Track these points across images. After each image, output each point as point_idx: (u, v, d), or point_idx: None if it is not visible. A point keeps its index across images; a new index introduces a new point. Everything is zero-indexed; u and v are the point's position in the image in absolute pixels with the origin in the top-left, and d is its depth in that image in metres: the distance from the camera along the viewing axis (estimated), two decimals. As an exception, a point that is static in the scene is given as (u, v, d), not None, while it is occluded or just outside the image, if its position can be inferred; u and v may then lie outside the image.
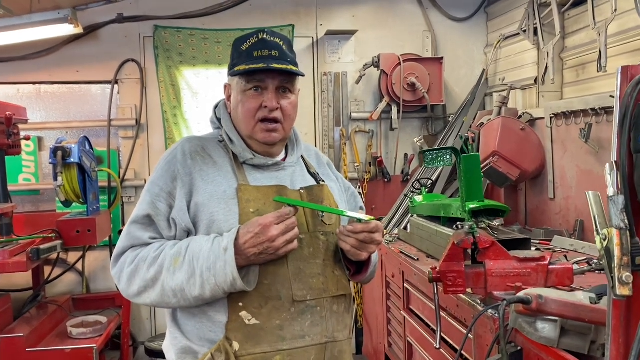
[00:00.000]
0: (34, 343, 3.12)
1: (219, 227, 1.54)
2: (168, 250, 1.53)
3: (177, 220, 1.57)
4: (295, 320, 1.56)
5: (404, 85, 3.98)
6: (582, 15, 3.07)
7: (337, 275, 1.66)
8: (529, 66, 3.54)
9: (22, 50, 3.87)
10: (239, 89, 1.63)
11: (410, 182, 3.93)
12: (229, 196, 1.57)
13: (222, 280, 1.46)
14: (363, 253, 1.61)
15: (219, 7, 4.04)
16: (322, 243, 1.64)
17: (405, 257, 2.75)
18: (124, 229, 1.62)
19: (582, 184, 2.93)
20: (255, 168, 1.66)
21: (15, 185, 3.93)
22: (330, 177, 1.84)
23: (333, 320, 1.63)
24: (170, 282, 1.50)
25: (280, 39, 1.64)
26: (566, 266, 1.77)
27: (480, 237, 1.74)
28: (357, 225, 1.57)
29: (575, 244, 2.68)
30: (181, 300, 1.51)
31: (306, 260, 1.60)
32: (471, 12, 4.25)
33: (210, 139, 1.71)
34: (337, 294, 1.65)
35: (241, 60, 1.61)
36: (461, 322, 2.11)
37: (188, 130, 4.05)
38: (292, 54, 1.65)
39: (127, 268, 1.56)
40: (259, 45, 1.60)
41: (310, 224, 1.64)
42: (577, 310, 1.38)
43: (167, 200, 1.58)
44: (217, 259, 1.47)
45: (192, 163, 1.61)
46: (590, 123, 2.75)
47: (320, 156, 1.90)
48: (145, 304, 1.61)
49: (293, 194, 1.65)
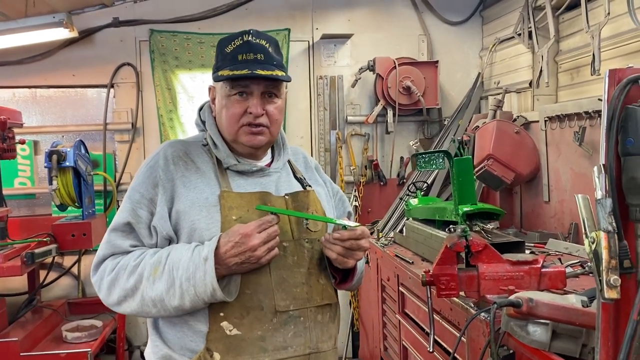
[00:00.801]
0: (29, 347, 3.12)
1: (200, 235, 1.51)
2: (148, 259, 1.50)
3: (158, 228, 1.53)
4: (278, 330, 1.52)
5: (399, 89, 3.98)
6: (576, 18, 3.08)
7: (322, 284, 1.62)
8: (524, 69, 3.55)
9: (17, 54, 3.86)
10: (223, 94, 1.59)
11: (406, 185, 3.93)
12: (211, 203, 1.53)
13: (201, 291, 1.43)
14: (350, 260, 1.57)
15: (215, 12, 4.05)
16: (306, 251, 1.60)
17: (400, 261, 2.75)
18: (104, 237, 1.58)
19: (577, 187, 2.93)
20: (239, 174, 1.62)
21: (11, 189, 3.92)
22: (318, 181, 1.80)
23: (317, 331, 1.59)
24: (149, 292, 1.47)
25: (266, 41, 1.59)
26: (559, 269, 1.77)
27: (473, 240, 1.74)
28: (344, 233, 1.53)
29: (570, 247, 2.69)
30: (161, 310, 1.48)
31: (290, 268, 1.56)
32: (466, 15, 4.26)
33: (194, 142, 1.67)
34: (321, 304, 1.61)
35: (225, 63, 1.56)
36: (454, 325, 2.11)
37: (184, 134, 4.05)
38: (279, 56, 1.61)
39: (107, 277, 1.52)
40: (243, 48, 1.55)
41: (294, 231, 1.60)
42: (567, 314, 1.38)
43: (148, 207, 1.54)
44: (196, 269, 1.43)
45: (174, 168, 1.57)
46: (584, 126, 2.76)
47: (308, 160, 1.86)
48: (126, 313, 1.58)
49: (277, 200, 1.61)
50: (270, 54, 1.57)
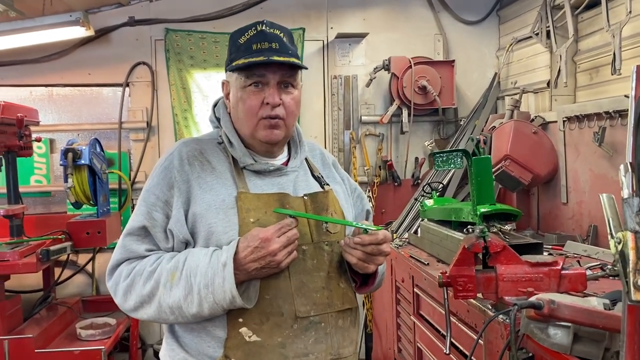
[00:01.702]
0: (43, 344, 3.13)
1: (217, 238, 1.46)
2: (165, 264, 1.45)
3: (175, 232, 1.49)
4: (298, 337, 1.47)
5: (414, 89, 3.95)
6: (596, 17, 3.03)
7: (342, 288, 1.58)
8: (542, 69, 3.51)
9: (34, 53, 3.89)
10: (238, 86, 1.53)
11: (421, 185, 3.90)
12: (227, 205, 1.48)
13: (220, 298, 1.39)
14: (370, 266, 1.52)
15: (230, 11, 4.05)
16: (326, 254, 1.56)
17: (415, 262, 2.72)
18: (119, 241, 1.54)
19: (596, 188, 2.88)
20: (255, 174, 1.57)
21: (27, 186, 3.95)
22: (336, 179, 1.76)
23: (338, 336, 1.54)
24: (167, 298, 1.43)
25: (280, 31, 1.54)
26: (579, 271, 1.74)
27: (491, 241, 1.71)
28: (365, 237, 1.48)
29: (589, 249, 2.64)
30: (179, 317, 1.44)
31: (309, 273, 1.51)
32: (483, 15, 4.22)
33: (209, 140, 1.62)
34: (342, 308, 1.56)
35: (239, 54, 1.51)
36: (471, 328, 2.08)
37: (199, 133, 4.05)
38: (294, 47, 1.56)
39: (123, 282, 1.49)
40: (257, 37, 1.51)
41: (313, 233, 1.55)
42: (590, 316, 1.35)
43: (164, 209, 1.50)
44: (215, 275, 1.39)
45: (189, 169, 1.52)
46: (604, 126, 2.71)
47: (326, 156, 1.81)
48: (143, 319, 1.53)
49: (296, 201, 1.56)
50: (285, 44, 1.53)
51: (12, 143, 3.24)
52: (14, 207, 3.25)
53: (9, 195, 3.36)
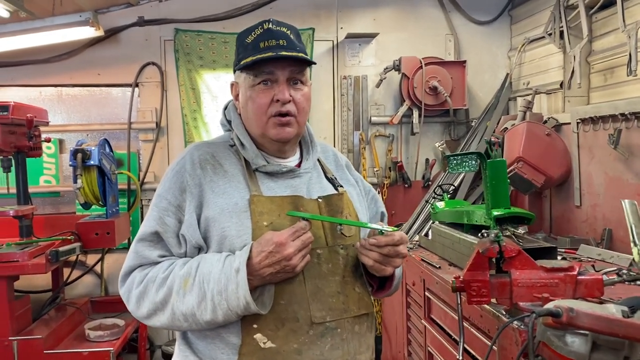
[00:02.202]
0: (52, 345, 3.13)
1: (231, 243, 1.44)
2: (177, 270, 1.43)
3: (187, 237, 1.47)
4: (314, 343, 1.44)
5: (425, 89, 3.92)
6: (611, 17, 2.99)
7: (358, 292, 1.54)
8: (554, 70, 3.46)
9: (44, 53, 3.90)
10: (247, 85, 1.52)
11: (432, 187, 3.86)
12: (240, 209, 1.46)
13: (234, 304, 1.36)
14: (387, 268, 1.49)
15: (240, 11, 4.03)
16: (341, 258, 1.53)
17: (426, 265, 2.68)
18: (131, 247, 1.52)
19: (611, 191, 2.84)
20: (268, 176, 1.55)
21: (36, 187, 3.95)
22: (349, 180, 1.73)
23: (355, 342, 1.51)
24: (180, 305, 1.40)
25: (287, 28, 1.52)
26: (596, 277, 1.70)
27: (506, 245, 1.68)
28: (381, 238, 1.45)
29: (603, 254, 2.59)
30: (193, 325, 1.41)
31: (325, 277, 1.48)
32: (494, 15, 4.18)
33: (220, 143, 1.60)
34: (358, 314, 1.53)
35: (247, 53, 1.49)
36: (484, 333, 2.04)
37: (208, 134, 4.04)
38: (301, 44, 1.54)
39: (136, 289, 1.46)
40: (264, 35, 1.49)
41: (328, 237, 1.52)
42: (610, 325, 1.31)
43: (176, 214, 1.48)
44: (228, 281, 1.36)
45: (201, 173, 1.50)
46: (620, 128, 2.66)
47: (339, 157, 1.78)
48: (156, 326, 1.50)
49: (310, 204, 1.53)
50: (293, 40, 1.50)
51: (21, 143, 3.24)
52: (23, 208, 3.25)
53: (19, 195, 3.36)
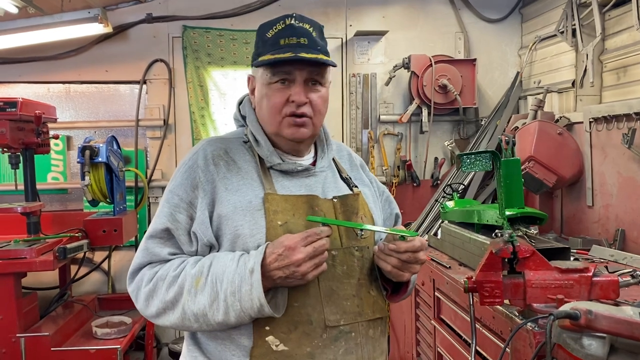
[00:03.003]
0: (59, 342, 3.12)
1: (244, 242, 1.41)
2: (189, 269, 1.39)
3: (199, 235, 1.43)
4: (328, 347, 1.41)
5: (435, 87, 3.88)
6: (625, 15, 2.95)
7: (373, 296, 1.51)
8: (566, 69, 3.42)
9: (52, 49, 3.89)
10: (263, 81, 1.47)
11: (441, 186, 3.83)
12: (254, 207, 1.42)
13: (247, 306, 1.32)
14: (405, 274, 1.46)
15: (248, 8, 4.01)
16: (356, 260, 1.49)
17: (436, 265, 2.66)
18: (141, 244, 1.48)
19: (624, 191, 2.80)
20: (283, 174, 1.51)
21: (44, 184, 3.95)
22: (364, 181, 1.69)
23: (369, 347, 1.48)
24: (191, 305, 1.36)
25: (310, 25, 1.47)
26: (612, 278, 1.67)
27: (520, 246, 1.65)
28: (401, 244, 1.40)
29: (616, 254, 2.56)
30: (203, 325, 1.38)
31: (339, 280, 1.45)
32: (505, 13, 4.14)
33: (234, 139, 1.56)
34: (373, 318, 1.49)
35: (266, 49, 1.45)
36: (497, 335, 2.01)
37: (215, 131, 4.03)
38: (323, 41, 1.50)
39: (145, 287, 1.43)
40: (286, 32, 1.44)
41: (343, 238, 1.48)
42: (630, 328, 1.28)
43: (188, 210, 1.44)
44: (242, 282, 1.32)
45: (214, 169, 1.46)
46: (634, 128, 2.63)
47: (353, 157, 1.75)
48: (165, 326, 1.45)
49: (325, 204, 1.50)
50: (314, 39, 1.46)
51: (30, 140, 3.24)
52: (31, 205, 3.24)
53: (27, 192, 3.35)
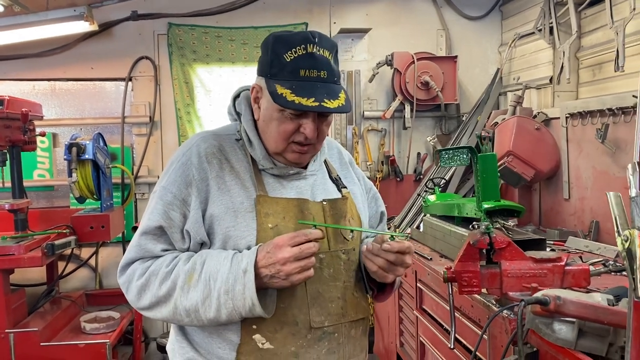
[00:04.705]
0: (48, 338, 3.16)
1: (235, 243, 1.44)
2: (182, 265, 1.42)
3: (192, 233, 1.45)
4: (312, 347, 1.47)
5: (417, 84, 3.96)
6: (599, 14, 3.04)
7: (356, 297, 1.56)
8: (544, 65, 3.52)
9: (37, 47, 3.89)
10: (275, 107, 1.42)
11: (423, 181, 3.92)
12: (246, 209, 1.45)
13: (240, 305, 1.36)
14: (390, 275, 1.49)
15: (233, 5, 4.05)
16: (342, 263, 1.53)
17: (418, 257, 2.74)
18: (134, 239, 1.50)
19: (598, 184, 2.90)
20: (274, 177, 1.53)
21: (30, 181, 3.96)
22: (353, 179, 1.73)
23: (350, 346, 1.54)
24: (183, 301, 1.40)
25: (329, 51, 1.42)
26: (583, 267, 1.76)
27: (496, 237, 1.73)
28: (393, 244, 1.43)
29: (591, 245, 2.66)
30: (194, 320, 1.41)
31: (326, 282, 1.49)
32: (486, 10, 4.22)
33: (227, 136, 1.56)
34: (355, 318, 1.55)
35: (284, 75, 1.39)
36: (475, 323, 2.10)
37: (201, 127, 4.06)
38: (337, 64, 1.46)
39: (137, 281, 1.45)
40: (307, 62, 1.38)
41: (330, 241, 1.51)
42: (596, 312, 1.37)
43: (181, 208, 1.46)
44: (236, 281, 1.35)
45: (208, 167, 1.47)
46: (607, 123, 2.72)
47: (343, 154, 1.77)
48: (156, 319, 1.50)
49: (315, 207, 1.52)
50: (332, 69, 1.43)
51: (16, 138, 3.25)
52: (18, 202, 3.26)
53: (14, 189, 3.37)
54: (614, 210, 1.12)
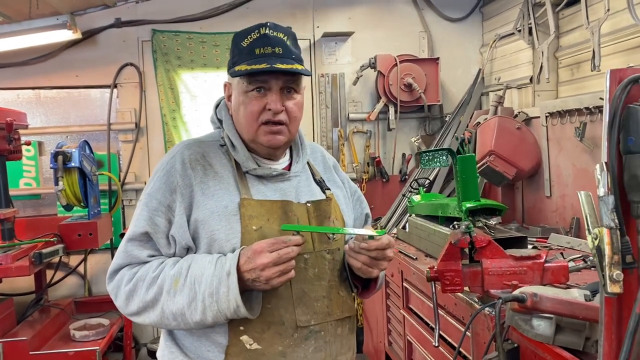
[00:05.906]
0: (38, 346, 3.15)
1: (220, 246, 1.46)
2: (168, 270, 1.44)
3: (177, 238, 1.48)
4: (299, 346, 1.49)
5: (400, 86, 4.01)
6: (576, 14, 3.10)
7: (342, 296, 1.59)
8: (524, 65, 3.58)
9: (21, 55, 3.89)
10: (240, 90, 1.51)
11: (408, 181, 3.96)
12: (230, 212, 1.47)
13: (224, 307, 1.38)
14: (374, 270, 1.53)
15: (216, 11, 4.07)
16: (327, 263, 1.56)
17: (404, 257, 2.78)
18: (121, 246, 1.52)
19: (578, 182, 2.96)
20: (258, 179, 1.55)
21: (17, 189, 3.94)
22: (337, 182, 1.76)
23: (337, 344, 1.57)
24: (170, 305, 1.42)
25: (284, 34, 1.50)
26: (561, 264, 1.80)
27: (476, 236, 1.77)
28: (372, 243, 1.47)
29: (572, 242, 2.71)
30: (181, 324, 1.44)
31: (311, 282, 1.52)
32: (466, 12, 4.28)
33: (211, 142, 1.59)
34: (341, 317, 1.58)
35: (242, 58, 1.49)
36: (459, 320, 2.14)
37: (187, 133, 4.08)
38: (297, 49, 1.53)
39: (125, 287, 1.48)
40: (261, 41, 1.47)
41: (315, 242, 1.55)
42: (571, 308, 1.41)
43: (166, 214, 1.48)
44: (220, 284, 1.38)
45: (192, 173, 1.50)
46: (585, 122, 2.78)
47: (327, 158, 1.80)
48: (145, 324, 1.53)
49: (299, 209, 1.55)
50: (289, 47, 1.50)
51: (1, 147, 3.24)
52: (4, 211, 3.25)
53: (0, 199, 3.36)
54: (584, 209, 1.15)
